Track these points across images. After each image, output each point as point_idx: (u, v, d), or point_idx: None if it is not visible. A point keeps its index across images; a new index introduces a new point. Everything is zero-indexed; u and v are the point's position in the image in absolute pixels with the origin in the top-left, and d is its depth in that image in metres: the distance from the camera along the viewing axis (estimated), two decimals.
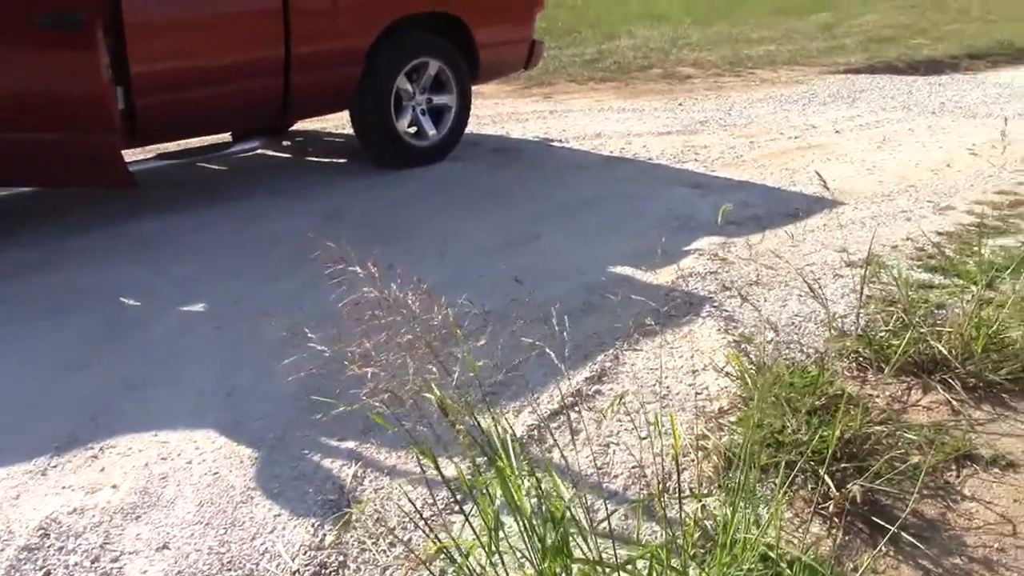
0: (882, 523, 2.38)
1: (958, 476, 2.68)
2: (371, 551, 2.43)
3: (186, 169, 5.97)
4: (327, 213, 5.17)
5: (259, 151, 6.16)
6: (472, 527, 2.09)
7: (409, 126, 6.17)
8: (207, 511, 2.58)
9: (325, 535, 2.49)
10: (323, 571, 2.36)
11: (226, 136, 6.15)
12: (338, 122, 7.13)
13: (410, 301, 2.00)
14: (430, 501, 2.57)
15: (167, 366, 3.41)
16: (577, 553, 1.97)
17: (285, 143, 6.93)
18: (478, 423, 2.03)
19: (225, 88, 5.12)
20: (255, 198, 5.47)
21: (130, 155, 5.05)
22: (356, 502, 2.61)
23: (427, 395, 1.98)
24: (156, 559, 2.39)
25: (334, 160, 6.60)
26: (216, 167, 6.22)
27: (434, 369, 1.99)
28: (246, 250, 4.57)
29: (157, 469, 2.77)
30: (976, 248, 4.33)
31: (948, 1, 19.28)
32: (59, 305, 3.90)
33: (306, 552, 2.42)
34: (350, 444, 2.88)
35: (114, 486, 2.69)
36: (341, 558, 2.41)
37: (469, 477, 2.07)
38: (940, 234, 4.70)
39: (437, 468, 1.98)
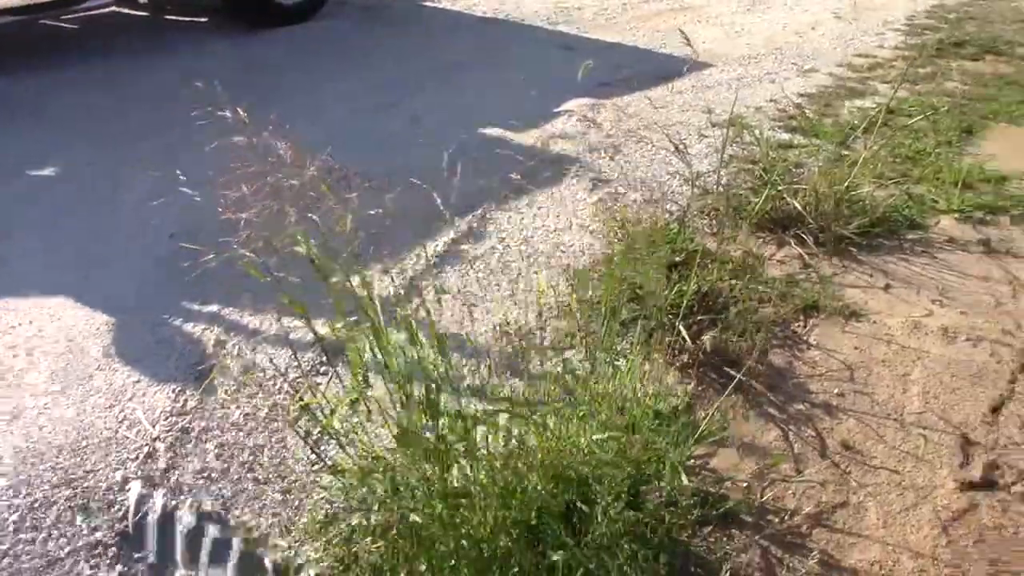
0: (733, 372, 2.47)
1: (805, 327, 2.80)
2: (234, 415, 2.42)
3: (34, 27, 5.60)
4: (189, 75, 4.92)
5: (113, 9, 5.82)
6: (342, 383, 2.09)
7: None
8: (61, 380, 2.52)
9: (187, 400, 2.46)
10: (185, 436, 2.35)
11: None
12: None
13: (281, 152, 1.93)
14: (295, 363, 2.56)
15: (18, 233, 3.26)
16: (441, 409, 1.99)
17: (142, 1, 6.53)
18: (349, 280, 2.01)
19: None
20: (111, 59, 5.18)
21: None
22: (219, 366, 2.58)
23: (298, 249, 1.94)
24: (6, 431, 2.33)
25: (196, 20, 6.27)
26: (67, 25, 5.84)
27: (302, 217, 1.94)
28: (102, 112, 4.35)
29: (5, 339, 2.67)
30: (834, 109, 4.44)
31: None
32: None
33: (167, 418, 2.40)
34: (213, 307, 2.82)
35: None
36: (203, 423, 2.39)
37: (341, 332, 2.05)
38: (802, 96, 4.78)
39: (308, 323, 1.96)
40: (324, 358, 2.58)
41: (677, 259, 3.01)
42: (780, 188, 3.38)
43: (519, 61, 5.42)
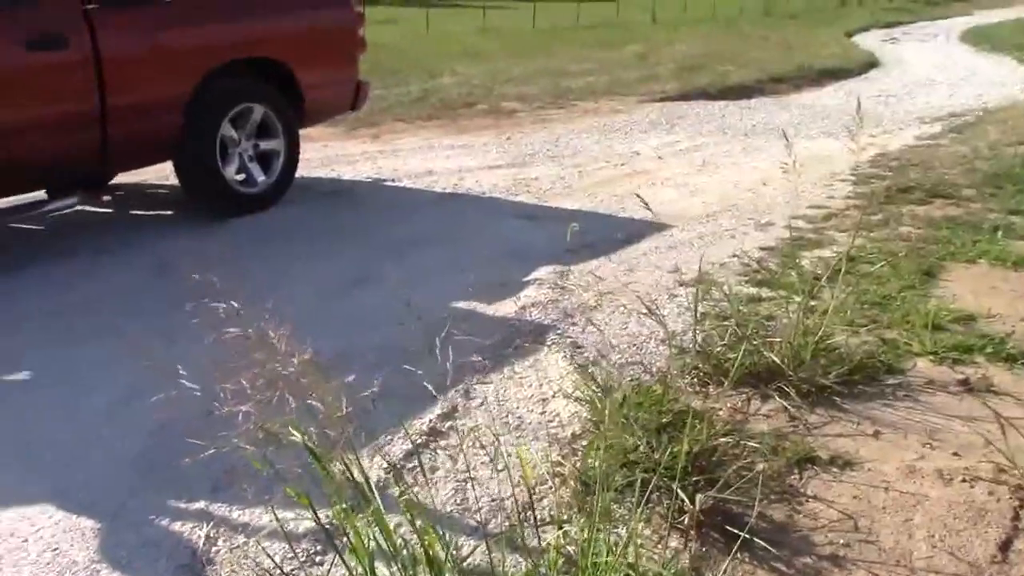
0: (735, 531, 2.45)
1: (801, 479, 2.80)
2: None
3: (2, 230, 5.65)
4: (157, 268, 4.98)
5: (78, 208, 5.89)
6: (348, 567, 2.04)
7: (237, 173, 6.02)
8: None
9: None
10: None
11: (41, 194, 5.85)
12: (161, 173, 6.90)
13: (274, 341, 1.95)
14: (290, 555, 2.49)
15: None
16: None
17: (105, 198, 6.64)
18: (347, 468, 2.00)
19: (36, 143, 4.88)
20: (77, 257, 5.22)
21: None
22: (210, 563, 2.50)
23: (293, 439, 1.94)
24: None
25: (160, 212, 6.38)
26: (32, 226, 5.90)
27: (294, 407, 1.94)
28: (71, 312, 4.35)
29: None
30: (796, 260, 4.56)
31: (748, 30, 20.43)
32: None
33: None
34: (199, 504, 2.76)
35: None
36: None
37: (330, 525, 2.03)
38: (763, 249, 4.93)
39: (313, 511, 1.93)
40: (319, 547, 2.52)
41: (664, 420, 3.02)
42: (756, 343, 3.43)
43: (483, 233, 5.55)
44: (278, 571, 2.41)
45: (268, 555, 2.48)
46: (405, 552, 1.95)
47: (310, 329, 3.88)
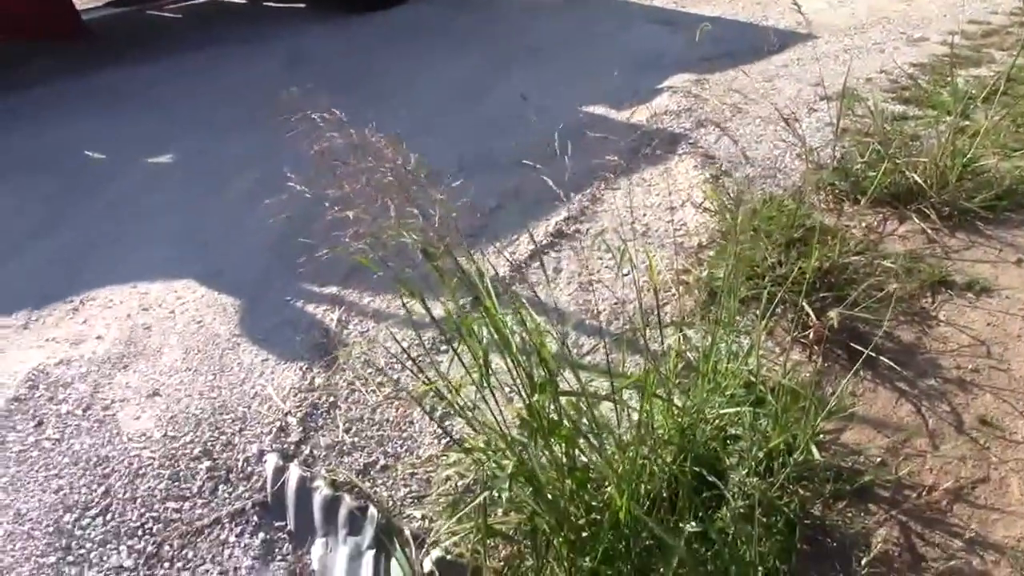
0: (860, 348, 2.42)
1: (933, 302, 2.73)
2: (361, 391, 2.46)
3: (140, 18, 5.75)
4: (289, 60, 5.02)
5: None
6: (463, 363, 2.11)
7: None
8: (194, 359, 2.59)
9: (314, 378, 2.51)
10: (315, 412, 2.40)
11: None
12: None
13: (383, 148, 1.95)
14: (416, 342, 2.59)
15: (140, 219, 3.36)
16: (564, 386, 2.00)
17: None
18: (459, 265, 2.03)
19: None
20: (214, 47, 5.29)
21: (80, 4, 4.86)
22: (343, 345, 2.62)
23: (407, 240, 1.96)
24: (147, 406, 2.41)
25: (294, 6, 6.37)
26: (171, 15, 5.99)
27: (415, 211, 1.96)
28: (209, 100, 4.45)
29: (140, 320, 2.76)
30: (950, 79, 4.30)
31: None
32: (30, 160, 3.81)
33: (297, 394, 2.45)
34: (332, 289, 2.87)
35: (98, 337, 2.68)
36: (331, 399, 2.44)
37: (456, 317, 2.07)
38: (914, 66, 4.65)
39: (426, 308, 1.98)
40: (445, 336, 2.61)
41: (795, 236, 2.96)
42: (899, 161, 3.29)
43: (616, 37, 5.38)
44: (405, 356, 2.51)
45: (396, 340, 2.58)
46: (515, 348, 1.98)
47: (437, 133, 3.92)
